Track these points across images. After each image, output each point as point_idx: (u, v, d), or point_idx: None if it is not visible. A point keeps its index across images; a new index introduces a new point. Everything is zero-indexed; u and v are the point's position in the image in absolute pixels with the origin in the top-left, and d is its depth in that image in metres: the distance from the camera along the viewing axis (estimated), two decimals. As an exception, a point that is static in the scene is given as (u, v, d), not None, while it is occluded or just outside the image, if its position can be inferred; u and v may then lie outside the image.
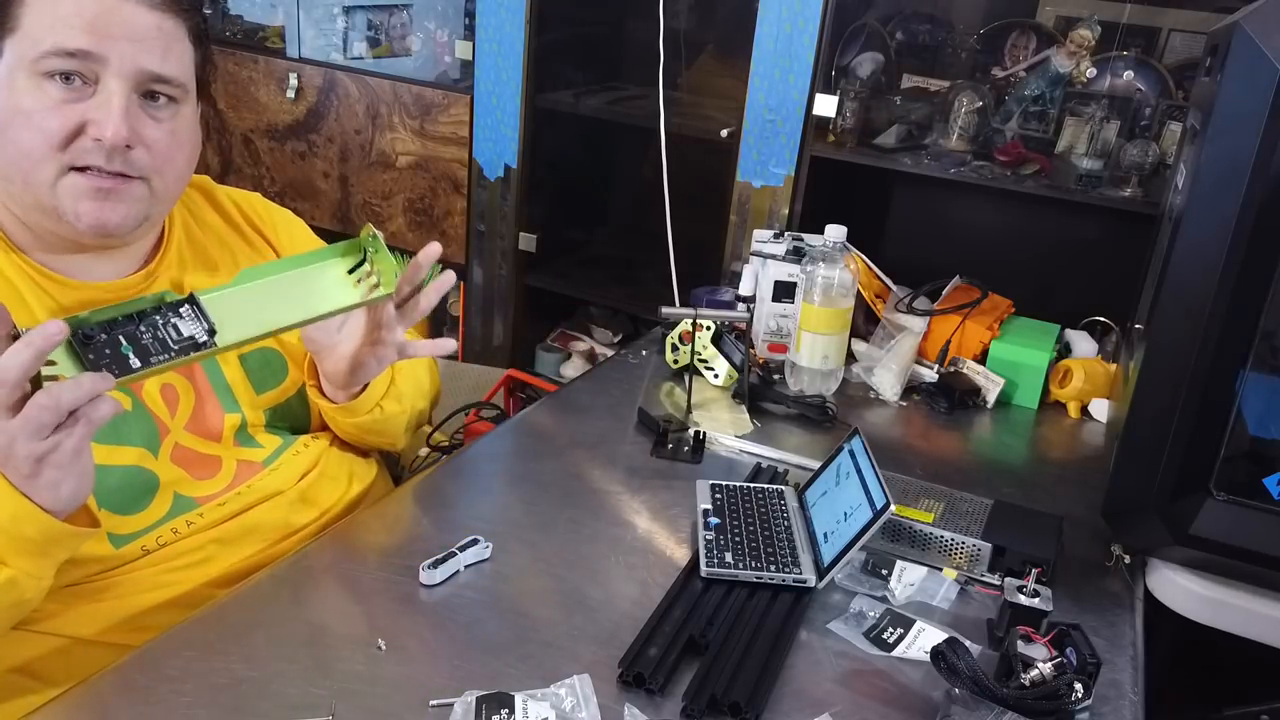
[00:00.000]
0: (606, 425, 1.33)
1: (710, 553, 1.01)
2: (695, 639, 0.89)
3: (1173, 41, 1.75)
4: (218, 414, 1.04)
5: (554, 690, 0.82)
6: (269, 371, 1.10)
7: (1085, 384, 1.48)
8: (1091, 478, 1.26)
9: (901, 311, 1.60)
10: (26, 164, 0.90)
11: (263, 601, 0.90)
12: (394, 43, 2.45)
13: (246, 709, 0.78)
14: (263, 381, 1.09)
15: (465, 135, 2.20)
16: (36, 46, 0.87)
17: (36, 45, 0.87)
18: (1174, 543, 1.04)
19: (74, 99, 0.89)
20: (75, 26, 0.88)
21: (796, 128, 1.83)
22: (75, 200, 0.91)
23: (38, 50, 0.87)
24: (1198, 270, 0.97)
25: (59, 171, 0.90)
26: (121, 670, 0.81)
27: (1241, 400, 0.99)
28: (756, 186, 1.91)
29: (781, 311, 1.52)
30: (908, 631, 0.94)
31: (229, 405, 1.05)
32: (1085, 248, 1.84)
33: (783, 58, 1.81)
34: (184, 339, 0.83)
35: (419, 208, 2.33)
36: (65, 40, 0.87)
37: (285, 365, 1.12)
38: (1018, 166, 1.76)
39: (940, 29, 1.92)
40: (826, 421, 1.38)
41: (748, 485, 1.15)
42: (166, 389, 1.01)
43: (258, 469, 1.06)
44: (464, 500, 1.15)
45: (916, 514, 1.08)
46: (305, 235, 1.21)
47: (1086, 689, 0.83)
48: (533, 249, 2.25)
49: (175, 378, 1.01)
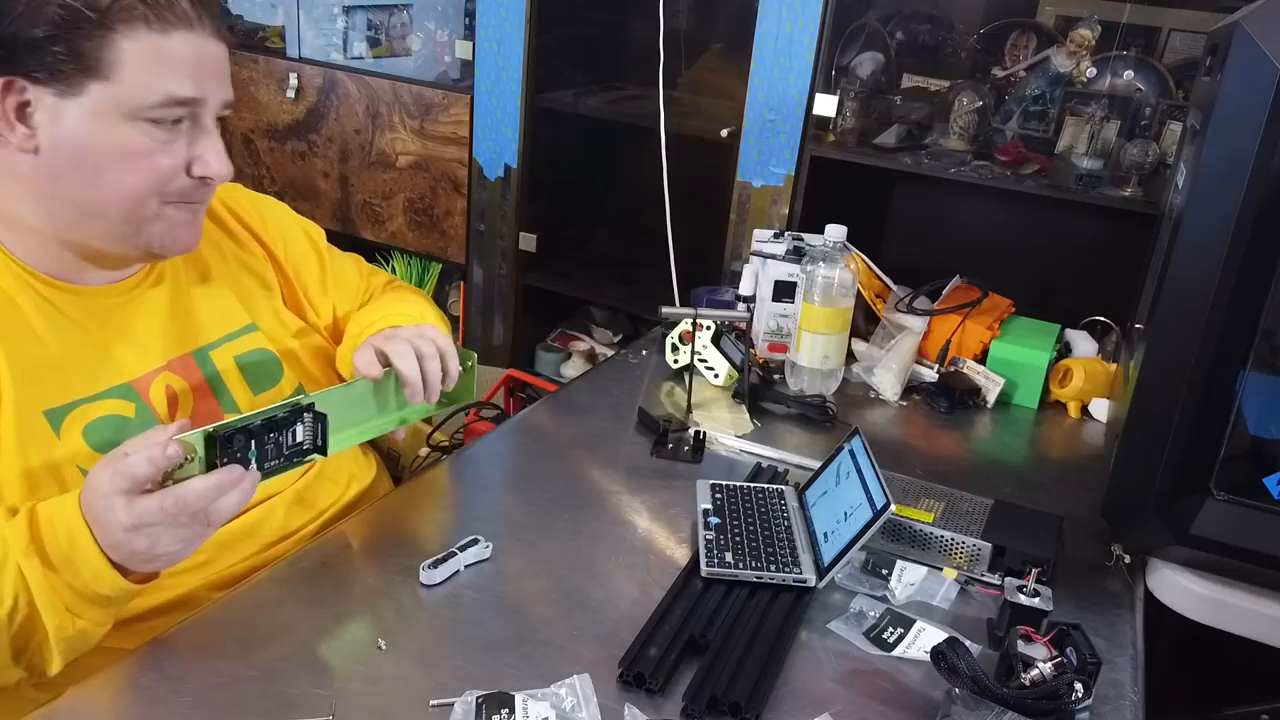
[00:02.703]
0: (606, 425, 1.33)
1: (710, 552, 1.01)
2: (695, 639, 0.89)
3: (1173, 41, 1.75)
4: (216, 415, 1.04)
5: (554, 690, 0.82)
6: (263, 371, 1.10)
7: (1085, 384, 1.48)
8: (1091, 478, 1.26)
9: (901, 311, 1.60)
10: (130, 203, 0.92)
11: (262, 602, 0.90)
12: (394, 43, 2.45)
13: (246, 709, 0.78)
14: (258, 381, 1.09)
15: (465, 135, 2.20)
16: (146, 96, 0.89)
17: (146, 94, 0.89)
18: (1174, 542, 1.04)
19: (175, 138, 0.92)
20: (182, 75, 0.90)
21: (796, 128, 1.83)
22: (172, 230, 0.96)
23: (148, 99, 0.89)
24: (1198, 270, 0.97)
25: (159, 206, 0.94)
26: (121, 670, 0.81)
27: (1241, 400, 0.99)
28: (756, 186, 1.91)
29: (781, 311, 1.52)
30: (908, 631, 0.94)
31: (227, 405, 1.05)
32: (1085, 247, 1.84)
33: (783, 58, 1.81)
34: (295, 445, 0.90)
35: (419, 208, 2.33)
36: (176, 89, 0.90)
37: (280, 367, 1.11)
38: (1018, 166, 1.76)
39: (940, 29, 1.92)
40: (826, 421, 1.38)
41: (748, 485, 1.15)
42: (169, 391, 1.01)
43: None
44: (464, 500, 1.15)
45: (916, 514, 1.08)
46: (291, 222, 1.22)
47: (1086, 689, 0.83)
48: (533, 249, 2.25)
49: (174, 379, 1.01)
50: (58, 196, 0.91)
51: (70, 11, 0.86)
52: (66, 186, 0.91)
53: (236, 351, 1.07)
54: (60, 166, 0.90)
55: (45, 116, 0.88)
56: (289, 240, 1.20)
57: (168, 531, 0.80)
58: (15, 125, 0.88)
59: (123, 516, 0.78)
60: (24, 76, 0.86)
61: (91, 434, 0.93)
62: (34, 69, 0.86)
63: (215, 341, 1.06)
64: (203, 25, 0.92)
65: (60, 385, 0.92)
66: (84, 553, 0.80)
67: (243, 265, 1.12)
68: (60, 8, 0.86)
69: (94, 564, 0.80)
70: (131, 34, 0.88)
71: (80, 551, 0.80)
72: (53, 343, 0.93)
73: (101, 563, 0.80)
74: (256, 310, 1.11)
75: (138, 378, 0.98)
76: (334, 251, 1.27)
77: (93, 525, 0.80)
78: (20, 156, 0.89)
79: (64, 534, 0.81)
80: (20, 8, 0.85)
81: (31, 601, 0.80)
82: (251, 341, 1.09)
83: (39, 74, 0.86)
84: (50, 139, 0.88)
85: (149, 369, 1.00)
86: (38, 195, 0.91)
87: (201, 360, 1.04)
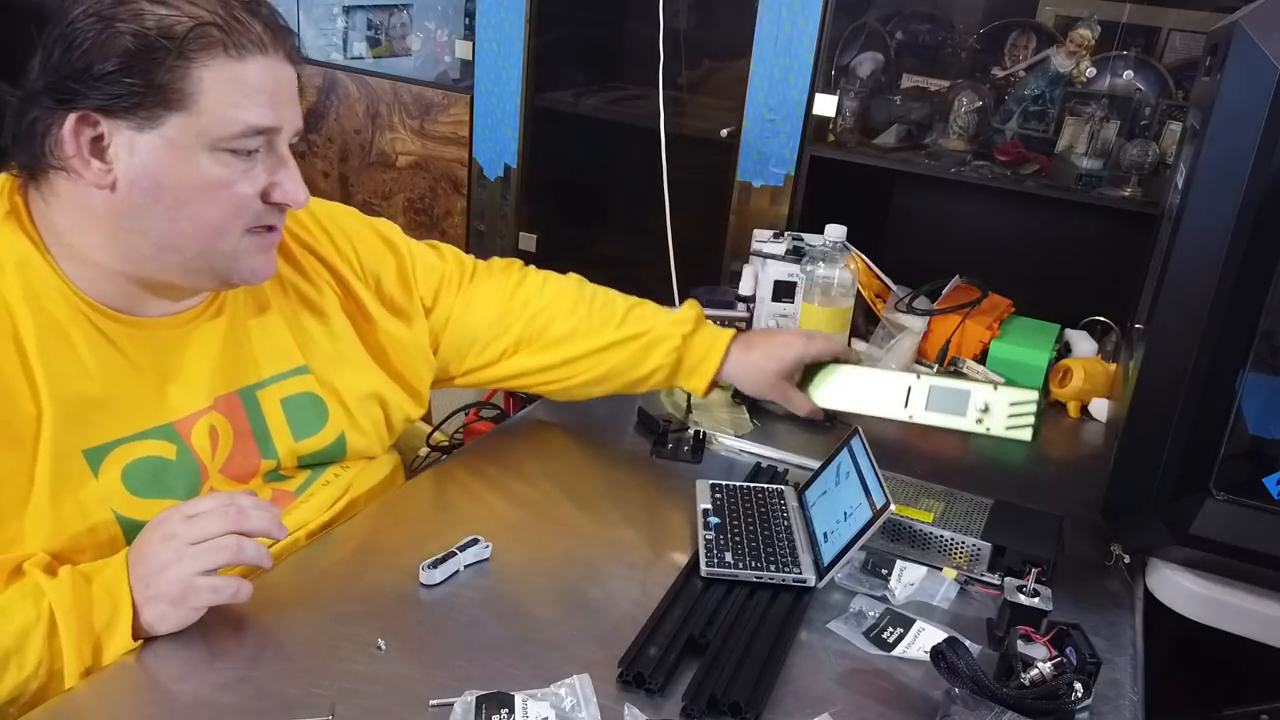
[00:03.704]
0: (606, 425, 1.33)
1: (710, 552, 1.01)
2: (695, 639, 0.89)
3: (1173, 41, 1.75)
4: (254, 459, 1.02)
5: (554, 690, 0.82)
6: (308, 417, 1.06)
7: (1085, 384, 1.48)
8: (1091, 478, 1.26)
9: (901, 311, 1.60)
10: (210, 235, 0.91)
11: (262, 602, 0.89)
12: (394, 43, 2.45)
13: (246, 709, 0.78)
14: (301, 429, 1.05)
15: (465, 135, 2.20)
16: (226, 126, 0.87)
17: (226, 125, 0.87)
18: (1174, 542, 1.04)
19: (253, 165, 0.91)
20: (262, 104, 0.89)
21: (796, 128, 1.83)
22: (251, 259, 0.94)
23: (229, 130, 0.87)
24: (1198, 270, 0.97)
25: (239, 236, 0.92)
26: (121, 670, 0.81)
27: (1241, 400, 0.99)
28: (756, 186, 1.91)
29: (781, 311, 1.52)
30: (908, 631, 0.94)
31: (266, 451, 1.02)
32: (1085, 247, 1.84)
33: (783, 58, 1.81)
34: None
35: (419, 208, 2.33)
36: (256, 119, 0.88)
37: (325, 414, 1.07)
38: (1018, 166, 1.76)
39: (940, 29, 1.92)
40: (826, 421, 1.38)
41: (748, 485, 1.15)
42: (212, 431, 0.98)
43: (290, 499, 1.04)
44: (464, 500, 1.15)
45: (916, 514, 1.08)
46: (360, 227, 1.17)
47: (1086, 689, 0.83)
48: (533, 249, 2.25)
49: (218, 419, 0.99)
50: (134, 232, 0.89)
51: (144, 41, 0.83)
52: (143, 221, 0.88)
53: (284, 394, 1.04)
54: (137, 201, 0.87)
55: (121, 151, 0.85)
56: (361, 249, 1.15)
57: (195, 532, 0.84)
58: (90, 161, 0.85)
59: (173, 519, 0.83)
60: (98, 110, 0.84)
61: (130, 475, 0.91)
62: (108, 102, 0.83)
63: (264, 380, 1.03)
64: (276, 49, 0.90)
65: (102, 423, 0.90)
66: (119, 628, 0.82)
67: (302, 299, 1.08)
68: (133, 38, 0.83)
69: (122, 637, 0.82)
70: (209, 63, 0.85)
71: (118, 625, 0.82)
72: (99, 378, 0.90)
73: (126, 640, 0.82)
74: (310, 349, 1.07)
75: (182, 418, 0.96)
76: (412, 243, 1.23)
77: (132, 560, 0.84)
78: (94, 192, 0.87)
79: (107, 606, 0.82)
80: (91, 39, 0.83)
81: (51, 670, 0.81)
82: (300, 384, 1.06)
83: (113, 107, 0.84)
84: (127, 174, 0.86)
85: (195, 409, 0.97)
86: (111, 230, 0.89)
87: (247, 400, 1.01)
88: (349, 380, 1.10)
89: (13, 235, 0.89)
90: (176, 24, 0.84)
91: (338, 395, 1.09)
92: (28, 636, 0.80)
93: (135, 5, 0.84)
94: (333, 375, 1.09)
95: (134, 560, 0.84)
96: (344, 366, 1.10)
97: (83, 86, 0.83)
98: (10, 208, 0.90)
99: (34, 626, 0.80)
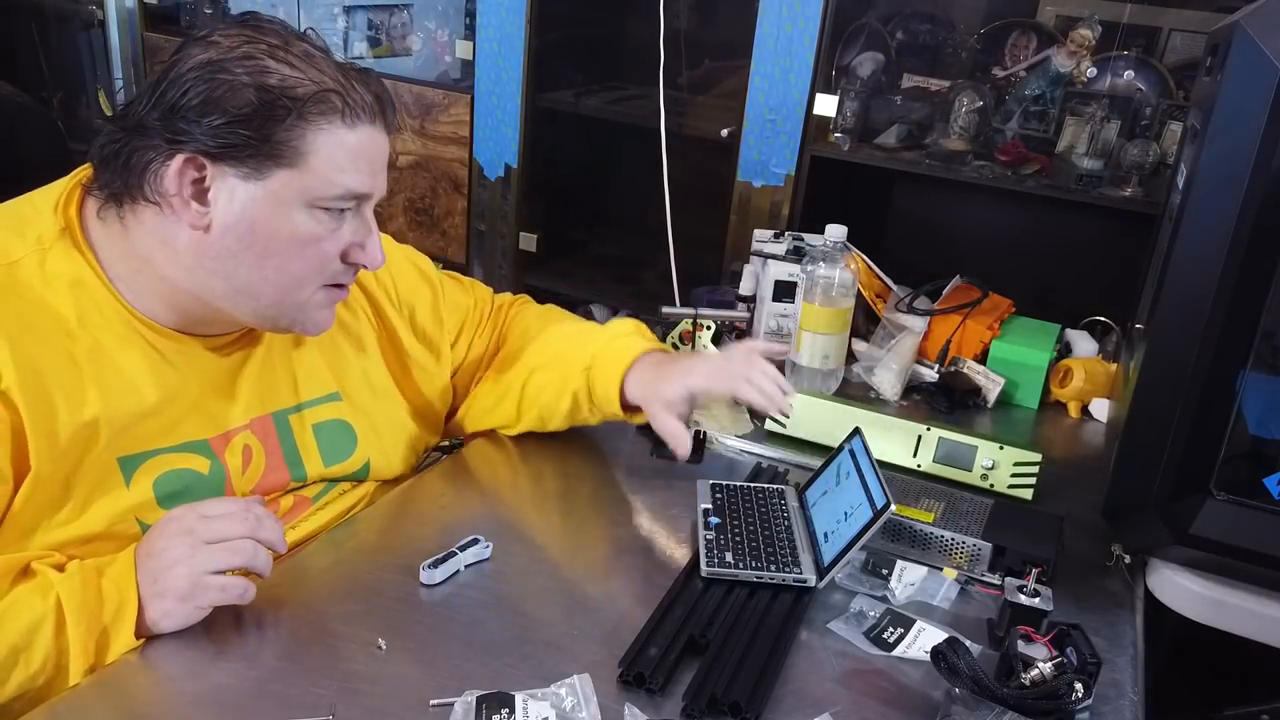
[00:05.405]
0: (606, 425, 1.33)
1: (710, 552, 1.01)
2: (695, 639, 0.90)
3: (1173, 41, 1.75)
4: (283, 479, 1.04)
5: (554, 690, 0.82)
6: (338, 443, 1.09)
7: (1085, 384, 1.48)
8: (1091, 478, 1.26)
9: (902, 311, 1.60)
10: (291, 287, 0.93)
11: (263, 602, 0.89)
12: (394, 42, 2.45)
13: (246, 709, 0.78)
14: (332, 455, 1.08)
15: (465, 135, 2.20)
16: (329, 188, 0.89)
17: (328, 186, 0.89)
18: (1174, 542, 1.04)
19: (341, 225, 0.93)
20: (363, 170, 0.91)
21: (796, 127, 1.83)
22: (319, 311, 0.97)
23: (330, 191, 0.90)
24: (1198, 270, 0.97)
25: (314, 290, 0.95)
26: (122, 670, 0.81)
27: (1241, 400, 0.99)
28: (756, 186, 1.91)
29: (782, 311, 1.52)
30: (908, 631, 0.94)
31: (296, 474, 1.05)
32: (1085, 248, 1.84)
33: (783, 57, 1.81)
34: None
35: (419, 207, 2.33)
36: (356, 184, 0.91)
37: (355, 441, 1.10)
38: (1018, 166, 1.75)
39: (940, 29, 1.92)
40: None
41: (748, 485, 1.15)
42: (246, 450, 1.00)
43: (307, 505, 1.07)
44: (464, 500, 1.15)
45: (916, 514, 1.08)
46: (398, 256, 1.18)
47: (1087, 689, 0.83)
48: (533, 249, 2.25)
49: (252, 439, 1.01)
50: (215, 274, 0.90)
51: (268, 97, 0.85)
52: (228, 265, 0.90)
53: (316, 419, 1.06)
54: (229, 246, 0.89)
55: (222, 195, 0.87)
56: (399, 279, 1.18)
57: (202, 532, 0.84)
58: (190, 202, 0.87)
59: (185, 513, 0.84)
60: (206, 155, 0.85)
61: (161, 485, 0.93)
62: (220, 149, 0.85)
63: (299, 405, 1.05)
64: (381, 119, 0.93)
65: (141, 433, 0.92)
66: (124, 624, 0.82)
67: (340, 325, 1.10)
68: (258, 92, 0.85)
69: (127, 631, 0.82)
70: (325, 126, 0.88)
71: (123, 621, 0.82)
72: (151, 392, 0.92)
73: (130, 636, 0.82)
74: (345, 376, 1.10)
75: (218, 435, 0.98)
76: (442, 275, 1.25)
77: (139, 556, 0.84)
78: (184, 230, 0.88)
79: (114, 601, 0.83)
80: (212, 86, 0.84)
81: (58, 665, 0.81)
82: (332, 410, 1.08)
83: (224, 155, 0.85)
84: (223, 218, 0.88)
85: (232, 426, 0.99)
86: (191, 267, 0.90)
87: (280, 423, 1.03)
88: (379, 408, 1.13)
89: (67, 254, 0.91)
90: (299, 86, 0.87)
91: (368, 422, 1.11)
92: (36, 632, 0.80)
93: (262, 62, 0.86)
94: (364, 402, 1.11)
95: (143, 555, 0.85)
96: (375, 395, 1.13)
97: (197, 130, 0.85)
98: (65, 224, 0.91)
99: (42, 622, 0.80)
